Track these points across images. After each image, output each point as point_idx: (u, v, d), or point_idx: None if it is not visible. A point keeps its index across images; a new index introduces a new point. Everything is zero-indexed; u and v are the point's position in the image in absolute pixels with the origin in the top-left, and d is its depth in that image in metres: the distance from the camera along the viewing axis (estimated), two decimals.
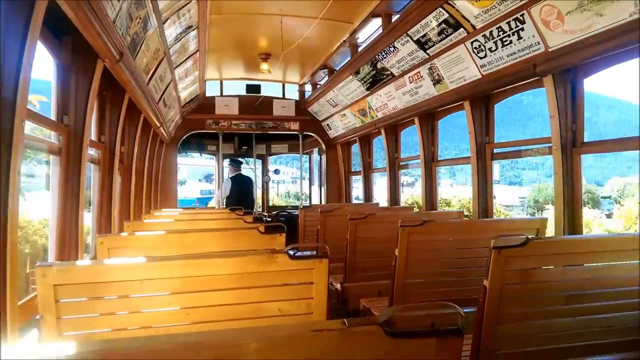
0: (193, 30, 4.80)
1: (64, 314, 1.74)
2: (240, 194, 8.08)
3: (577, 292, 2.13)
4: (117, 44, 3.04)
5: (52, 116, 3.03)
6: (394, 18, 4.92)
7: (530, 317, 2.10)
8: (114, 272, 1.81)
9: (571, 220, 3.48)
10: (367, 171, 8.14)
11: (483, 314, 1.99)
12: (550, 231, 3.49)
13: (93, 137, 3.93)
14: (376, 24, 5.64)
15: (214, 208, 9.47)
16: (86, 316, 1.80)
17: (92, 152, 3.83)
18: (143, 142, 6.02)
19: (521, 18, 3.35)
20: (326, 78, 7.77)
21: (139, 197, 5.89)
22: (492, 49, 3.81)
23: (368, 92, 6.34)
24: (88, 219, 3.88)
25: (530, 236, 2.04)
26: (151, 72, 4.47)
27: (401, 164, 6.89)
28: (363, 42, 6.11)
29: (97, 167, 4.03)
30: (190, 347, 0.97)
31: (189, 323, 1.85)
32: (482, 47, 3.88)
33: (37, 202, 4.21)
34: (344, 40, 6.38)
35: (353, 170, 9.26)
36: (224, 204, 8.22)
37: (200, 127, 8.87)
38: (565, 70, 3.45)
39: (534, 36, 3.37)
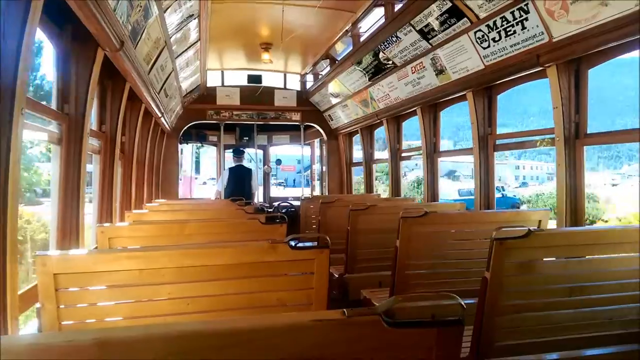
0: (194, 19, 4.76)
1: (64, 302, 1.74)
2: (236, 185, 8.05)
3: (578, 284, 2.13)
4: (117, 33, 3.02)
5: (53, 105, 3.01)
6: (397, 7, 4.87)
7: (531, 309, 2.10)
8: (113, 262, 1.82)
9: (574, 213, 3.47)
10: (369, 162, 8.12)
11: (484, 305, 1.98)
12: (552, 223, 3.48)
13: (94, 126, 3.91)
14: (379, 13, 5.60)
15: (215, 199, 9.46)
16: (86, 305, 1.81)
17: (93, 141, 3.82)
18: (144, 132, 6.01)
19: (525, 8, 3.31)
20: (328, 68, 7.73)
21: (140, 187, 5.88)
22: (496, 39, 3.77)
23: (370, 82, 6.30)
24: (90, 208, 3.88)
25: (532, 228, 2.03)
26: (152, 61, 4.44)
27: (403, 155, 6.86)
28: (365, 32, 6.06)
29: (98, 157, 4.03)
30: (188, 335, 0.97)
31: (188, 313, 1.85)
32: (486, 37, 3.85)
33: None
34: (346, 30, 6.34)
35: (354, 161, 9.24)
36: (223, 195, 8.21)
37: (201, 118, 8.84)
38: (569, 60, 3.41)
39: (537, 26, 3.33)
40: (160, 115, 6.06)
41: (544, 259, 2.15)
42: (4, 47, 1.92)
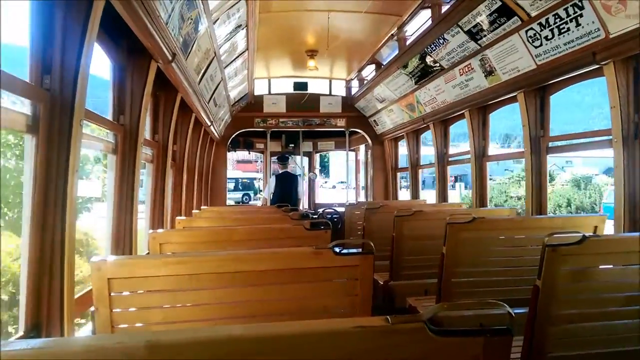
0: (242, 29, 4.88)
1: (117, 306, 1.82)
2: (283, 192, 8.12)
3: (636, 292, 2.01)
4: (169, 45, 3.14)
5: (109, 116, 3.17)
6: (444, 9, 4.79)
7: (586, 318, 2.00)
8: (164, 267, 1.88)
9: (632, 217, 3.27)
10: (415, 167, 8.01)
11: (535, 314, 1.91)
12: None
13: (147, 136, 4.09)
14: (425, 15, 5.53)
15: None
16: (138, 309, 1.88)
17: (146, 150, 3.99)
18: (194, 141, 6.21)
19: (580, 4, 3.18)
20: (373, 73, 7.70)
21: (190, 194, 6.08)
22: (548, 38, 3.64)
23: (416, 86, 6.23)
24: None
25: (587, 234, 1.93)
26: (202, 72, 4.59)
27: (450, 159, 6.72)
28: (412, 35, 6.00)
29: (150, 166, 4.20)
30: (234, 339, 0.99)
31: (235, 317, 1.89)
32: (537, 35, 3.72)
33: None
34: (392, 34, 6.30)
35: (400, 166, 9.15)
36: (269, 202, 8.33)
37: (248, 126, 9.03)
38: (627, 57, 3.23)
39: (593, 22, 3.18)
40: (209, 124, 6.25)
41: (600, 267, 2.04)
42: (65, 62, 2.05)
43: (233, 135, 9.05)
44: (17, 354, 0.89)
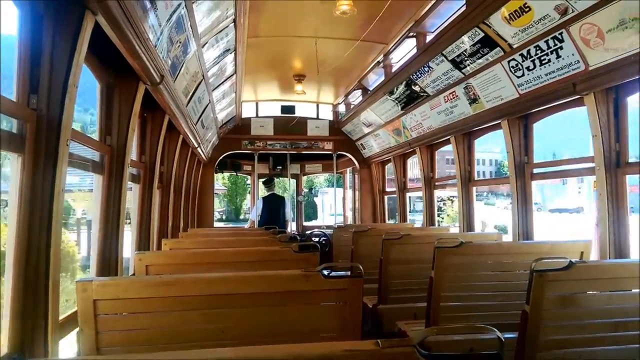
0: (230, 53, 4.93)
1: (103, 328, 1.78)
2: (270, 214, 8.17)
3: (624, 319, 2.03)
4: (158, 67, 3.15)
5: (96, 136, 3.15)
6: (429, 38, 4.91)
7: (573, 344, 2.00)
8: (150, 289, 1.85)
9: (617, 243, 3.32)
10: (402, 191, 8.06)
11: (524, 339, 1.91)
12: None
13: (134, 156, 4.06)
14: (410, 44, 5.65)
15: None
16: (124, 331, 1.84)
17: (133, 171, 3.95)
18: (181, 162, 6.18)
19: (560, 37, 3.28)
20: (360, 98, 7.81)
21: (177, 215, 6.01)
22: (530, 68, 3.74)
23: (402, 111, 6.32)
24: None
25: (573, 260, 1.96)
26: (190, 94, 4.60)
27: (437, 183, 6.78)
28: (397, 62, 6.12)
29: (137, 186, 4.15)
30: None
31: (222, 340, 1.86)
32: (520, 66, 3.82)
33: None
34: (378, 61, 6.41)
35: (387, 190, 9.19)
36: (257, 224, 8.30)
37: (236, 148, 9.04)
38: (607, 88, 3.33)
39: (573, 54, 3.28)
40: (197, 145, 6.23)
41: (588, 292, 2.06)
42: (53, 82, 2.04)
43: (221, 157, 9.04)
44: None
